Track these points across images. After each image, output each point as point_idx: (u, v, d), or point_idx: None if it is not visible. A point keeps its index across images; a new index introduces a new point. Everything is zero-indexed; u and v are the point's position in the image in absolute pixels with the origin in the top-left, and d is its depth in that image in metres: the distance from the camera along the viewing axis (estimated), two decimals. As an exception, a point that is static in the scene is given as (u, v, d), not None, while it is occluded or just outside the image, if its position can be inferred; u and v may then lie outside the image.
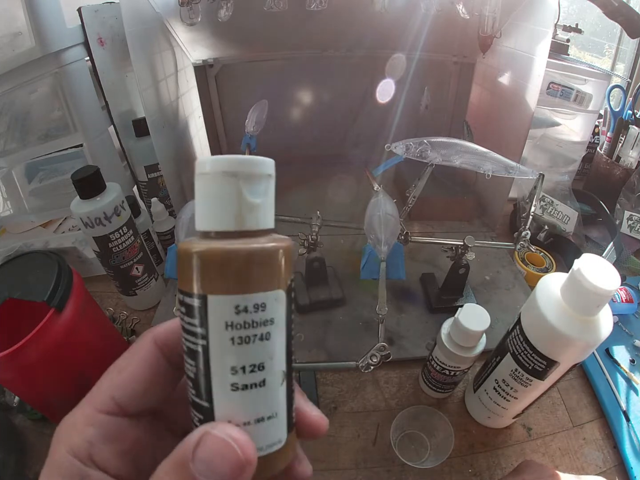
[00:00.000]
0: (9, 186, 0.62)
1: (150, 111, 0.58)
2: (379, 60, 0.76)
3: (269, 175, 0.14)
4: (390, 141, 0.49)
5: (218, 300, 0.12)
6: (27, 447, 0.43)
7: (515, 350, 0.33)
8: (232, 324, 0.12)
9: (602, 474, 0.41)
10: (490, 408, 0.40)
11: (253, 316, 0.13)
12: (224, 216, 0.13)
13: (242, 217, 0.13)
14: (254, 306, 0.13)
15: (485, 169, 0.48)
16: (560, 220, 0.69)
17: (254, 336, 0.13)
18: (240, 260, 0.12)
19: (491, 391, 0.39)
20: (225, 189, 0.13)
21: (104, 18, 0.56)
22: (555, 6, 0.54)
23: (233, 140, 0.91)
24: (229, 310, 0.12)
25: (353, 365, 0.38)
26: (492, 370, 0.38)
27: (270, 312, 0.13)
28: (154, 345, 0.17)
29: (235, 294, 0.12)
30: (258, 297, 0.13)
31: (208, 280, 0.12)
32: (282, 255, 0.13)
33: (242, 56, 0.78)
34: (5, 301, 0.34)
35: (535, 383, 0.33)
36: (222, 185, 0.13)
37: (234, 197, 0.13)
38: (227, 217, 0.13)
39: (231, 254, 0.12)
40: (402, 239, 0.53)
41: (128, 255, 0.51)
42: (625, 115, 0.76)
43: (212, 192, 0.13)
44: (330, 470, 0.42)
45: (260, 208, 0.13)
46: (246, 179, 0.13)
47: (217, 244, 0.13)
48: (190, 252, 0.13)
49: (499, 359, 0.37)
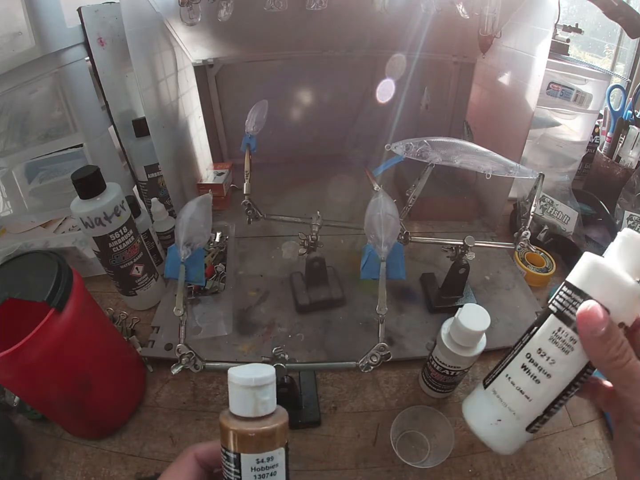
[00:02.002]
0: (9, 186, 0.62)
1: (150, 111, 0.58)
2: (379, 60, 0.76)
3: (272, 382, 0.23)
4: (390, 141, 0.49)
5: (246, 457, 0.22)
6: (27, 447, 0.43)
7: (562, 306, 0.27)
8: (254, 468, 0.22)
9: (602, 474, 0.41)
10: (507, 402, 0.29)
11: (266, 463, 0.22)
12: (247, 408, 0.23)
13: (257, 409, 0.23)
14: (267, 459, 0.22)
15: (485, 169, 0.48)
16: (560, 220, 0.69)
17: (267, 474, 0.22)
18: (257, 436, 0.22)
19: (518, 373, 0.29)
20: (247, 394, 0.22)
21: (104, 18, 0.56)
22: (555, 6, 0.54)
23: (233, 140, 0.91)
24: (252, 461, 0.22)
25: (353, 365, 0.38)
26: (521, 348, 0.30)
27: (276, 460, 0.22)
28: (195, 460, 0.25)
29: (255, 453, 0.22)
30: (269, 454, 0.22)
31: (240, 446, 0.22)
32: (281, 428, 0.23)
33: (242, 56, 0.78)
34: (5, 301, 0.34)
35: (578, 345, 0.26)
36: (245, 392, 0.23)
37: (251, 398, 0.22)
38: (249, 408, 0.23)
39: (255, 434, 0.22)
40: (402, 239, 0.53)
41: (128, 255, 0.51)
42: (625, 115, 0.76)
43: (240, 394, 0.23)
44: (330, 470, 0.42)
45: (267, 402, 0.23)
46: (258, 389, 0.22)
47: (243, 425, 0.22)
48: (228, 429, 0.22)
49: (533, 330, 0.29)
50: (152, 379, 0.50)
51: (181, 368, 0.37)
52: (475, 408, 0.32)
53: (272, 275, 0.63)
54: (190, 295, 0.58)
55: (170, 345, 0.52)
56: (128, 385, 0.47)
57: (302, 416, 0.45)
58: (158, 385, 0.50)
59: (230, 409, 0.23)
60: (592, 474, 0.41)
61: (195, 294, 0.58)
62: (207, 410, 0.47)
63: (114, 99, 0.59)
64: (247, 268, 0.65)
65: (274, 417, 0.23)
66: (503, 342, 0.52)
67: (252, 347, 0.53)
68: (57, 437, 0.44)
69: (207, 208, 0.47)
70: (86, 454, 0.43)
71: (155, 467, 0.42)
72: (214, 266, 0.62)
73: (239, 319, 0.56)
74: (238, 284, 0.62)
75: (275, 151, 0.83)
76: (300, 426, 0.45)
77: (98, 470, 0.42)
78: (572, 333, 0.26)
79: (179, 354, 0.37)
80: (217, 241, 0.67)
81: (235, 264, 0.65)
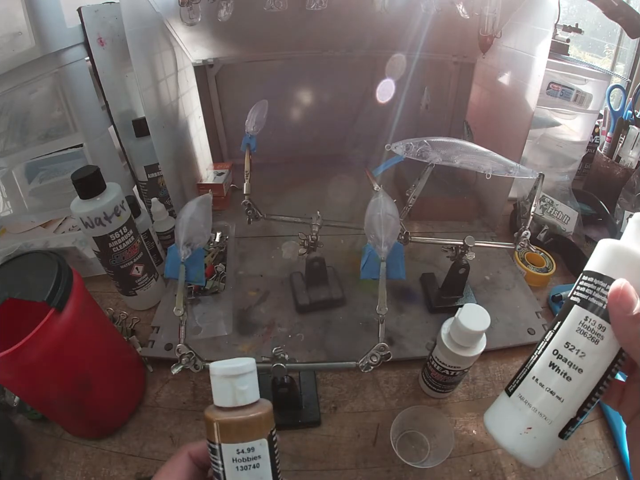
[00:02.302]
0: (9, 186, 0.62)
1: (150, 111, 0.58)
2: (379, 60, 0.76)
3: (251, 371, 0.23)
4: (390, 141, 0.49)
5: (226, 447, 0.22)
6: (27, 447, 0.43)
7: (586, 294, 0.26)
8: (235, 459, 0.22)
9: (602, 474, 0.41)
10: (537, 406, 0.27)
11: (247, 454, 0.22)
12: (226, 398, 0.23)
13: (235, 398, 0.23)
14: (247, 449, 0.22)
15: (485, 169, 0.48)
16: (560, 220, 0.69)
17: (249, 465, 0.22)
18: (236, 425, 0.22)
19: (546, 373, 0.27)
20: (225, 383, 0.23)
21: (104, 18, 0.56)
22: (555, 6, 0.54)
23: (233, 140, 0.91)
24: (232, 452, 0.22)
25: (353, 365, 0.38)
26: (547, 346, 0.28)
27: (258, 451, 0.22)
28: (189, 458, 0.26)
29: (235, 443, 0.22)
30: (249, 444, 0.22)
31: (220, 436, 0.22)
32: (263, 418, 0.23)
33: (242, 56, 0.78)
34: (5, 301, 0.34)
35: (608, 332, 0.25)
36: (223, 382, 0.23)
37: (230, 388, 0.23)
38: (228, 398, 0.23)
39: (232, 422, 0.22)
40: (402, 239, 0.53)
41: (128, 255, 0.51)
42: (625, 115, 0.76)
43: (220, 386, 0.23)
44: (330, 470, 0.42)
45: (246, 392, 0.23)
46: (236, 377, 0.23)
47: (223, 415, 0.23)
48: (212, 420, 0.22)
49: (557, 326, 0.28)
50: (152, 379, 0.50)
51: (181, 368, 0.37)
52: (500, 418, 0.29)
53: (272, 275, 0.63)
54: (190, 295, 0.58)
55: (170, 345, 0.52)
56: (128, 385, 0.47)
57: (302, 416, 0.45)
58: (158, 385, 0.50)
59: (214, 402, 0.24)
60: (592, 474, 0.41)
61: (195, 294, 0.58)
62: (207, 410, 0.47)
63: (114, 99, 0.59)
64: (247, 268, 0.65)
65: (255, 408, 0.23)
66: (503, 342, 0.53)
67: (252, 347, 0.53)
68: (57, 437, 0.44)
69: (207, 208, 0.47)
70: (86, 454, 0.43)
71: (155, 467, 0.42)
72: (214, 266, 0.62)
73: (239, 319, 0.56)
74: (238, 284, 0.62)
75: (275, 151, 0.83)
76: (300, 426, 0.45)
77: (98, 470, 0.42)
78: (600, 320, 0.25)
79: (179, 354, 0.37)
80: (217, 241, 0.67)
81: (235, 264, 0.65)
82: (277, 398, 0.43)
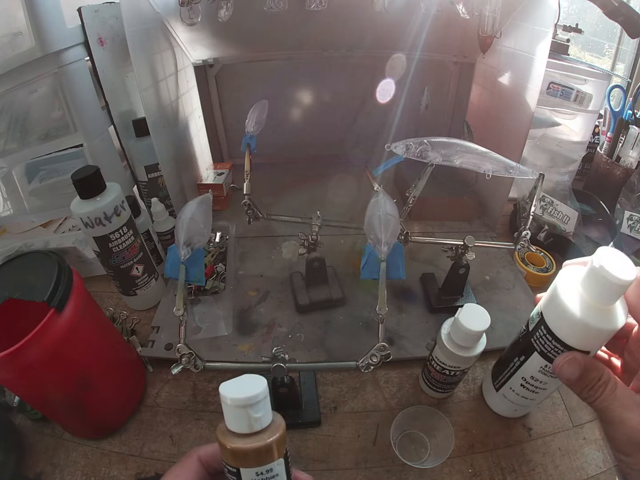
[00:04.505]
0: (9, 186, 0.61)
1: (150, 111, 0.58)
2: (379, 60, 0.76)
3: (264, 398, 0.22)
4: (390, 141, 0.49)
5: (246, 471, 0.22)
6: (27, 447, 0.43)
7: (544, 349, 0.35)
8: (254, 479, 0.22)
9: (602, 474, 0.41)
10: (518, 402, 0.42)
11: (266, 475, 0.22)
12: (242, 425, 0.22)
13: (251, 425, 0.22)
14: (266, 471, 0.22)
15: (485, 169, 0.48)
16: (560, 220, 0.69)
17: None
18: (255, 453, 0.22)
19: (518, 388, 0.40)
20: (240, 412, 0.22)
21: (104, 18, 0.56)
22: (555, 6, 0.54)
23: (233, 140, 0.91)
24: (252, 475, 0.22)
25: (353, 365, 0.38)
26: (517, 369, 0.39)
27: (275, 471, 0.23)
28: (198, 462, 0.25)
29: (254, 467, 0.22)
30: (267, 467, 0.22)
31: (238, 462, 0.22)
32: (278, 441, 0.22)
33: (242, 56, 0.78)
34: (5, 301, 0.34)
35: None
36: (237, 411, 0.22)
37: (245, 416, 0.22)
38: (243, 425, 0.22)
39: (250, 450, 0.22)
40: (402, 239, 0.53)
41: (128, 255, 0.51)
42: (625, 115, 0.76)
43: (233, 414, 0.22)
44: (330, 470, 0.42)
45: (261, 418, 0.22)
46: (251, 407, 0.22)
47: (240, 442, 0.22)
48: (225, 446, 0.22)
49: (523, 358, 0.38)
50: (152, 379, 0.50)
51: (181, 368, 0.37)
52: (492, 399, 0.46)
53: (272, 275, 0.63)
54: (190, 295, 0.58)
55: (170, 345, 0.52)
56: (128, 385, 0.47)
57: (302, 416, 0.45)
58: (158, 385, 0.50)
59: (227, 425, 0.23)
60: (592, 474, 0.41)
61: (195, 294, 0.58)
62: (207, 410, 0.47)
63: (114, 99, 0.59)
64: (247, 268, 0.65)
65: (270, 430, 0.23)
66: (503, 342, 0.52)
67: (252, 347, 0.53)
68: (57, 437, 0.44)
69: (207, 208, 0.47)
70: (86, 454, 0.43)
71: (155, 467, 0.42)
72: (214, 266, 0.62)
73: (239, 319, 0.56)
74: (238, 284, 0.62)
75: (275, 151, 0.83)
76: (300, 426, 0.45)
77: (98, 470, 0.42)
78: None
79: (179, 354, 0.37)
80: (217, 241, 0.67)
81: (235, 264, 0.65)
82: (277, 398, 0.43)
